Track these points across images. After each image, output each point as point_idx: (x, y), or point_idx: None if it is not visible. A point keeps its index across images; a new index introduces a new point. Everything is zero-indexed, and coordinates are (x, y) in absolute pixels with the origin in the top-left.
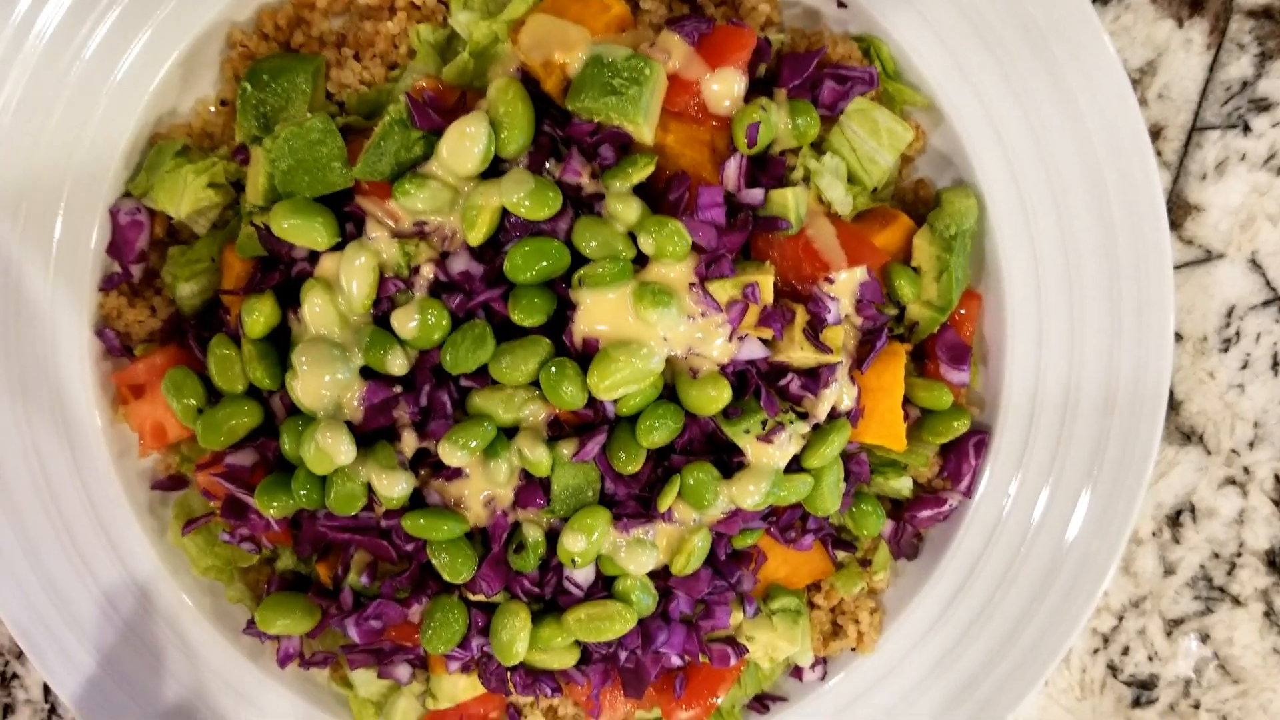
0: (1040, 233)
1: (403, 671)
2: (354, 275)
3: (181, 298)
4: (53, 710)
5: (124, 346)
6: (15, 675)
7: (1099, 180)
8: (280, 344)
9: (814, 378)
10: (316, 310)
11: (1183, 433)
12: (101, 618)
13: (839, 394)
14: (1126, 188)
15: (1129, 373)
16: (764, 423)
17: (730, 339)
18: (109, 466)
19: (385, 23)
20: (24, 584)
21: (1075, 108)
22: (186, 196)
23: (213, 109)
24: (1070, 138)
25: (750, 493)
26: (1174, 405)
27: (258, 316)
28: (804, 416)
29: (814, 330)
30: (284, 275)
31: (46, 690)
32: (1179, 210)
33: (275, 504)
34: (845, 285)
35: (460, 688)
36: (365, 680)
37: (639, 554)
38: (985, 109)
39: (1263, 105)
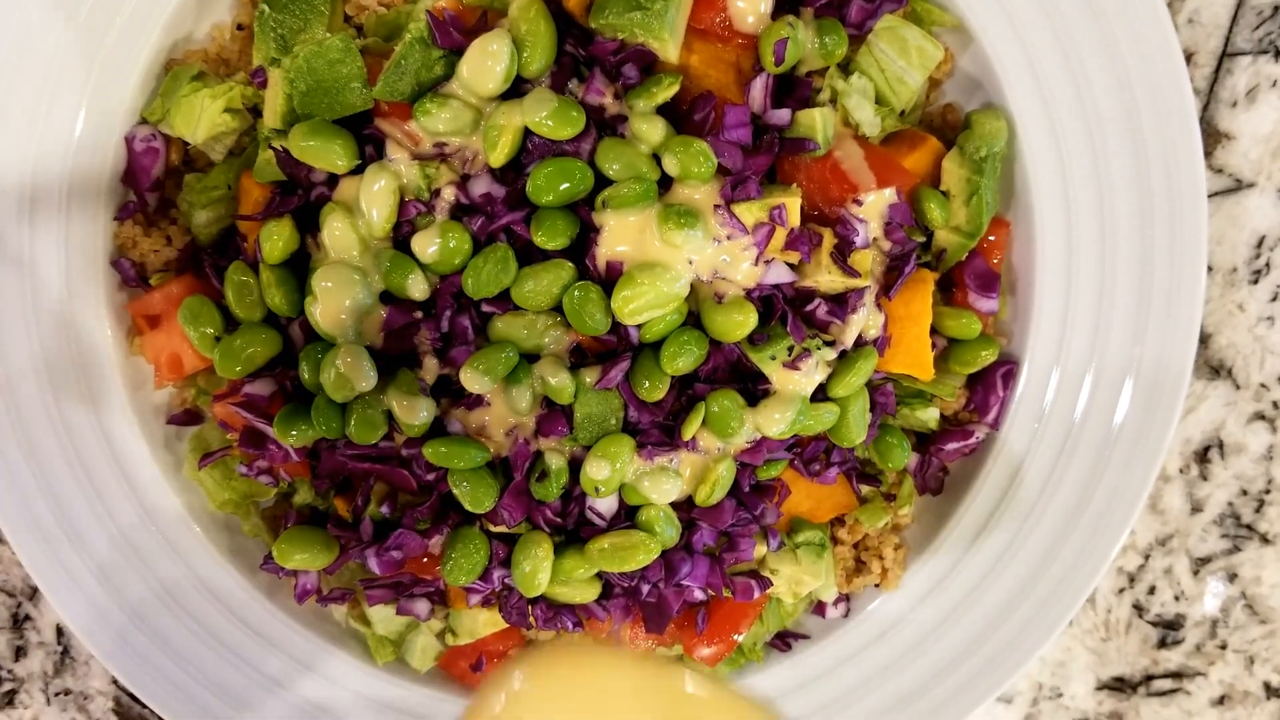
0: (1071, 157)
1: (422, 607)
2: (374, 198)
3: (198, 226)
4: (65, 652)
5: (139, 276)
6: (28, 617)
7: (1132, 104)
8: (299, 270)
9: (841, 303)
10: (336, 234)
11: (1211, 366)
12: (117, 554)
13: (866, 320)
14: (1160, 113)
15: (1160, 302)
16: (790, 349)
17: (756, 262)
18: (124, 400)
19: None
20: (39, 521)
21: (1108, 29)
22: (203, 121)
23: (229, 34)
24: (1102, 60)
25: (776, 421)
26: (1203, 339)
27: (276, 241)
28: (830, 344)
29: (842, 254)
30: (302, 200)
31: (59, 632)
32: (1209, 138)
33: (294, 433)
34: (873, 207)
35: (481, 622)
36: (383, 618)
37: (663, 482)
38: (1015, 30)
39: None
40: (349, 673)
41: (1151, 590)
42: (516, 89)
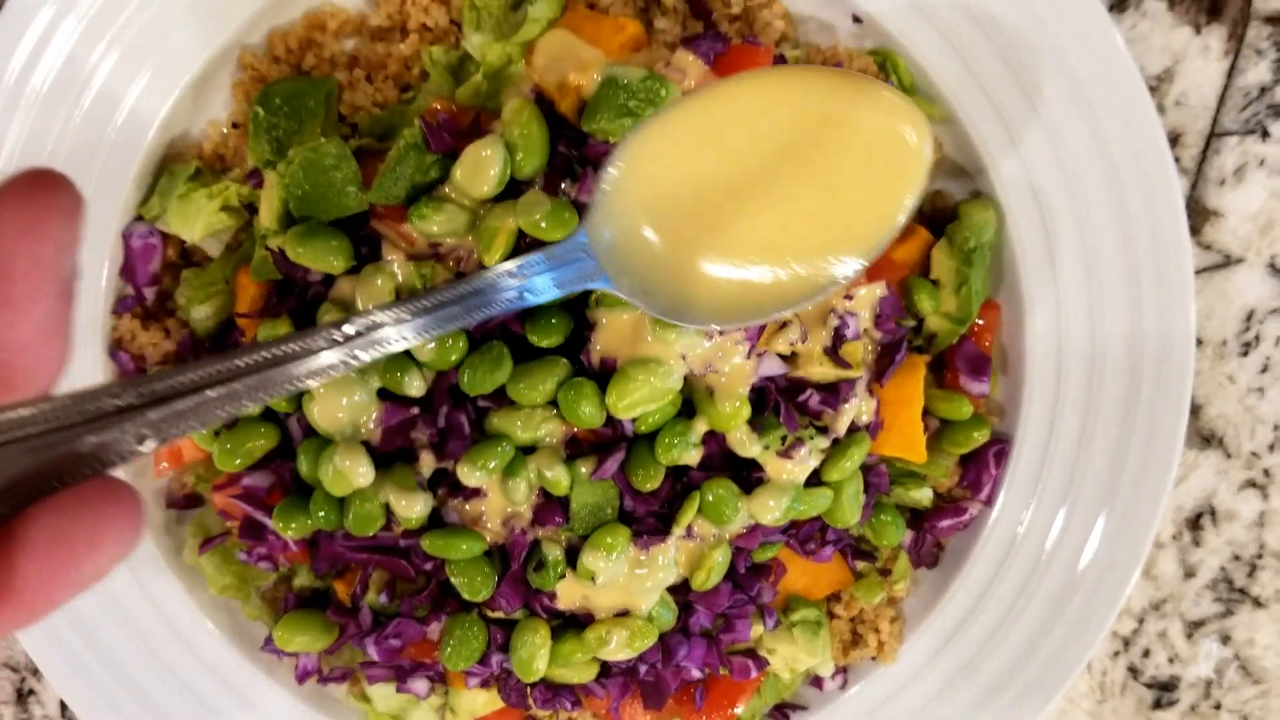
0: (1059, 241)
1: (421, 686)
2: (370, 298)
3: (196, 320)
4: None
5: (138, 369)
6: (32, 691)
7: (1118, 187)
8: None
9: (833, 392)
10: None
11: (1203, 436)
12: (119, 635)
13: (859, 407)
14: (1146, 194)
15: (1150, 381)
16: (783, 438)
17: (749, 356)
18: None
19: (398, 44)
20: None
21: (1093, 116)
22: (200, 220)
23: (225, 131)
24: (1089, 146)
25: (770, 508)
26: (1194, 409)
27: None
28: (823, 431)
29: (834, 346)
30: (299, 298)
31: (63, 707)
32: (1197, 216)
33: (293, 525)
34: (864, 300)
35: (479, 703)
36: (383, 695)
37: (659, 570)
38: (1002, 120)
39: None
40: None
41: (1146, 653)
42: (511, 190)
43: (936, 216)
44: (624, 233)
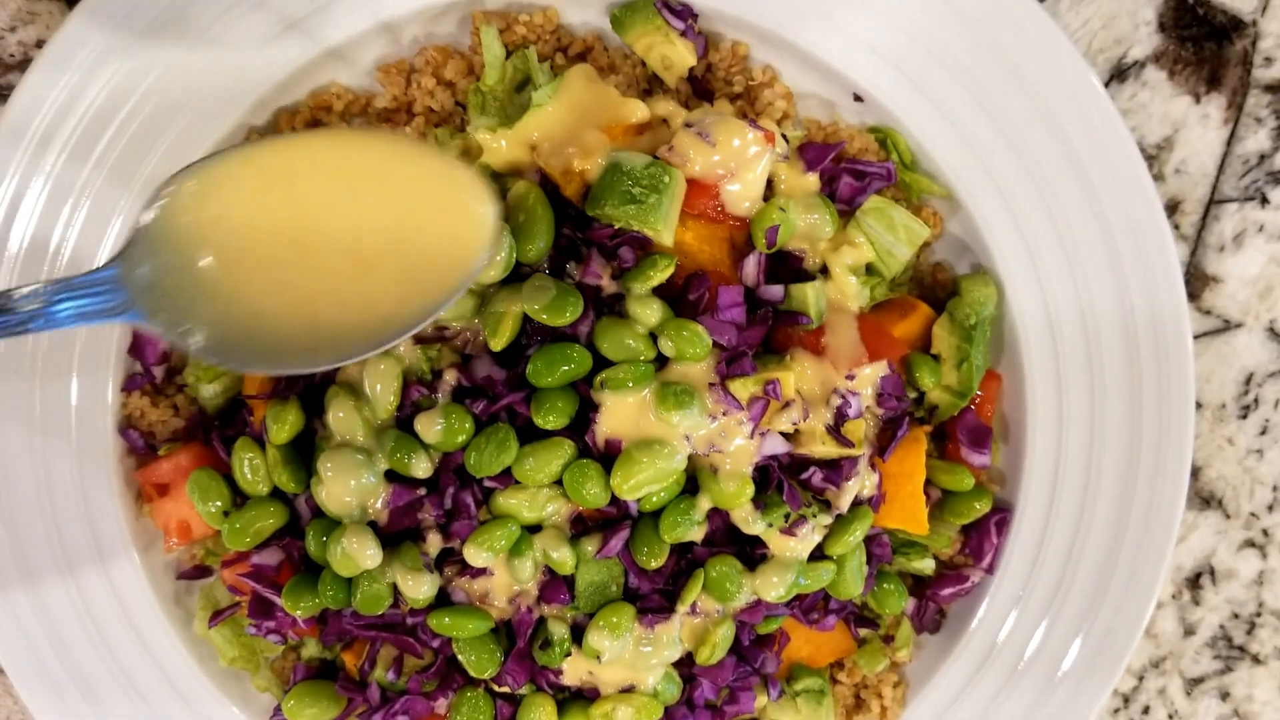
0: (1059, 314)
1: None
2: (378, 381)
3: (204, 398)
4: None
5: (148, 445)
6: None
7: (1116, 258)
8: (304, 446)
9: (836, 469)
10: (341, 417)
11: (1202, 498)
12: (130, 709)
13: (861, 483)
14: (1144, 265)
15: (1151, 448)
16: (787, 516)
17: (751, 436)
18: (135, 562)
19: (403, 126)
20: (52, 676)
21: (1090, 188)
22: None
23: None
24: (1087, 219)
25: (774, 584)
26: (1194, 472)
27: (283, 424)
28: (826, 506)
29: (836, 425)
30: (307, 381)
31: None
32: (1197, 282)
33: (302, 605)
34: (866, 379)
35: None
36: None
37: (664, 648)
38: (1002, 195)
39: None
40: None
41: (1146, 710)
42: (516, 273)
43: (938, 286)
44: (164, 270)
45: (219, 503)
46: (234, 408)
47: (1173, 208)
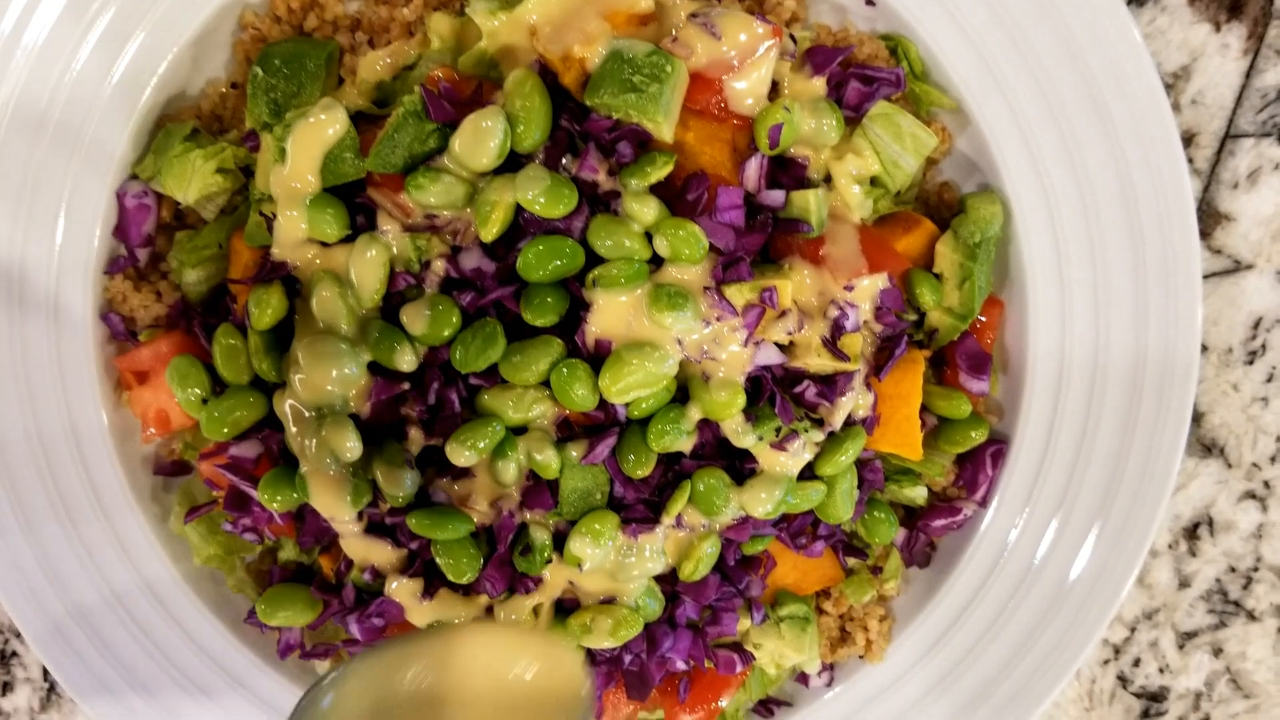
0: (1066, 240)
1: None
2: (364, 269)
3: (188, 284)
4: (52, 689)
5: (129, 331)
6: (15, 653)
7: (1129, 187)
8: (287, 335)
9: (830, 385)
10: (325, 303)
11: (1204, 445)
12: (101, 603)
13: (855, 401)
14: (1157, 196)
15: (1153, 388)
16: (778, 430)
17: (746, 344)
18: (111, 452)
19: (401, 8)
20: (24, 568)
21: (1107, 114)
22: (194, 182)
23: (224, 92)
24: (1100, 144)
25: (762, 500)
26: (1196, 417)
27: (265, 308)
28: (819, 424)
29: (832, 337)
30: (293, 265)
31: (46, 670)
32: (1209, 219)
33: (279, 498)
34: (865, 292)
35: None
36: None
37: (646, 559)
38: (1013, 113)
39: None
40: None
41: (1136, 662)
42: (511, 163)
43: (944, 206)
44: None
45: (198, 390)
46: (218, 295)
47: (1187, 140)
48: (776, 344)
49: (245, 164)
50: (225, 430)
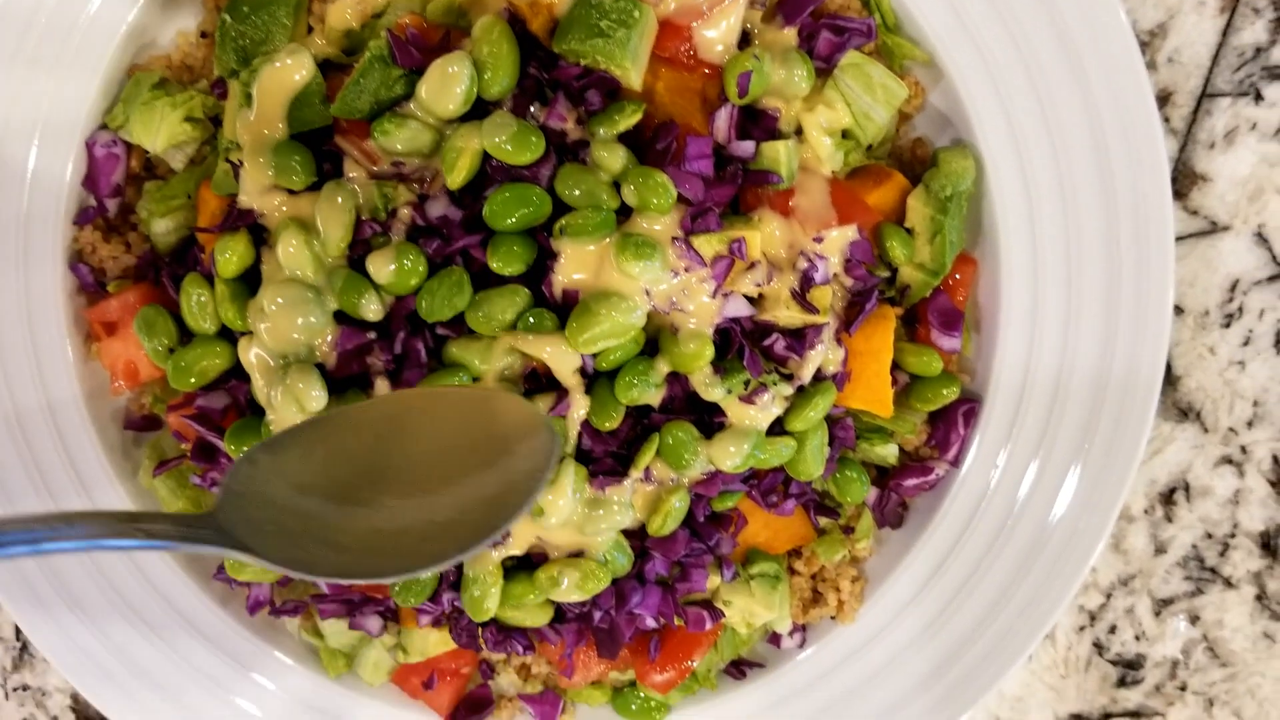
0: (1039, 197)
1: (373, 623)
2: (330, 217)
3: (156, 234)
4: (24, 649)
5: (98, 282)
6: None
7: (1102, 145)
8: (254, 284)
9: (799, 338)
10: (290, 251)
11: (1180, 409)
12: (71, 559)
13: (825, 356)
14: (1131, 155)
15: (1126, 347)
16: (746, 383)
17: (714, 295)
18: (80, 405)
19: None
20: None
21: (1081, 70)
22: (163, 130)
23: (193, 41)
24: (1074, 100)
25: (730, 454)
26: (1172, 381)
27: (230, 256)
28: (788, 378)
29: (801, 290)
30: (259, 214)
31: (18, 629)
32: (1185, 179)
33: (245, 448)
34: (834, 244)
35: (431, 642)
36: (336, 631)
37: (614, 512)
38: (987, 66)
39: (1276, 73)
40: (300, 684)
41: (1112, 629)
42: (477, 110)
43: (917, 162)
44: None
45: (165, 340)
46: (186, 246)
47: (1163, 99)
48: (745, 296)
49: (214, 113)
50: (192, 380)
